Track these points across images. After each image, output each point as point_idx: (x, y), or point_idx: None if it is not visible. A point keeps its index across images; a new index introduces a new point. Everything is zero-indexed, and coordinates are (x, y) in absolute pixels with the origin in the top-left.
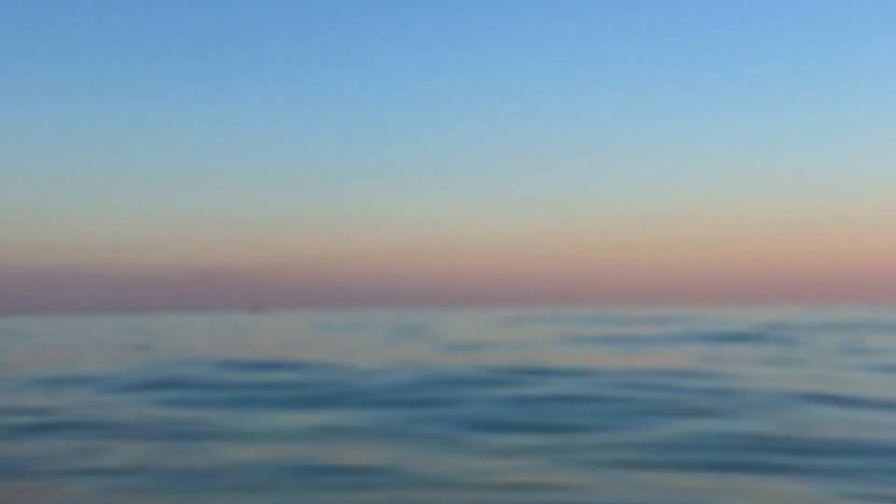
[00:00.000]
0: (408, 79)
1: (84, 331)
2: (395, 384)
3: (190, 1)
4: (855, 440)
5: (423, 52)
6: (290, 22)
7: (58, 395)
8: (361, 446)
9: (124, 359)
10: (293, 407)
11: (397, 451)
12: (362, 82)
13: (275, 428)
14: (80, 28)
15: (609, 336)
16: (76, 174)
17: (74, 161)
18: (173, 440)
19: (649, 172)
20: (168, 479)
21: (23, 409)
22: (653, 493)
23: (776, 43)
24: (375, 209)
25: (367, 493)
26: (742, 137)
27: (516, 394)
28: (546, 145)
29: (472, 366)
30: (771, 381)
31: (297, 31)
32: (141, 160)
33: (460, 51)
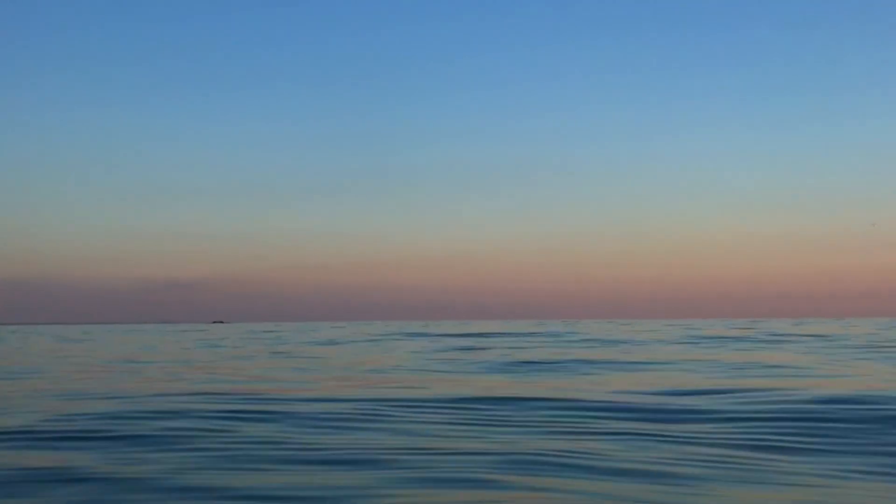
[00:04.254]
0: (381, 95)
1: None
2: None
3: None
4: None
5: (405, 67)
6: (271, 35)
7: None
8: None
9: None
10: None
11: None
12: (334, 98)
13: None
14: (47, 37)
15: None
16: (38, 186)
17: (36, 172)
18: None
19: (623, 192)
20: None
21: None
22: None
23: (745, 76)
24: (338, 223)
25: None
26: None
27: None
28: (512, 164)
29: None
30: None
31: (277, 46)
32: (103, 172)
33: (441, 65)
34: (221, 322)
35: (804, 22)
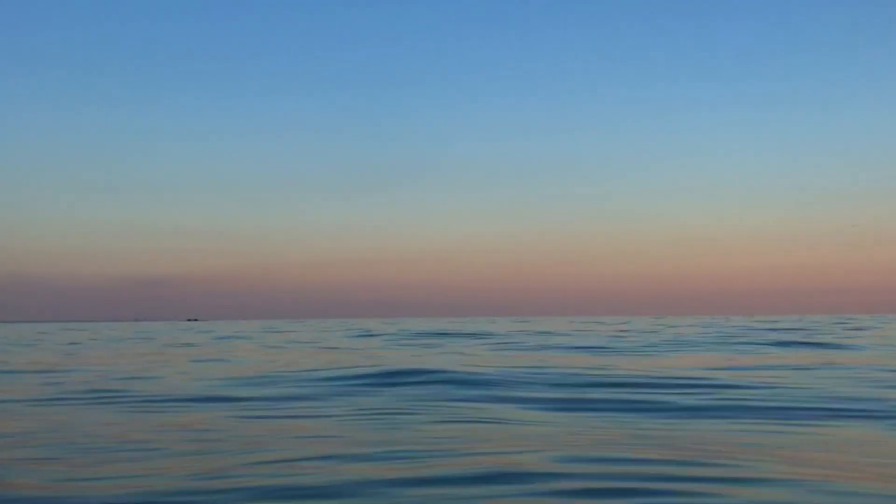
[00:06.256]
0: (364, 89)
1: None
2: None
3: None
4: None
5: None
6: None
7: None
8: None
9: None
10: None
11: None
12: (311, 93)
13: None
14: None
15: None
16: (13, 182)
17: (11, 169)
18: None
19: (602, 189)
20: None
21: None
22: None
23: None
24: (316, 220)
25: None
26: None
27: None
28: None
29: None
30: None
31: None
32: (81, 168)
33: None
34: (196, 320)
35: (795, 21)
